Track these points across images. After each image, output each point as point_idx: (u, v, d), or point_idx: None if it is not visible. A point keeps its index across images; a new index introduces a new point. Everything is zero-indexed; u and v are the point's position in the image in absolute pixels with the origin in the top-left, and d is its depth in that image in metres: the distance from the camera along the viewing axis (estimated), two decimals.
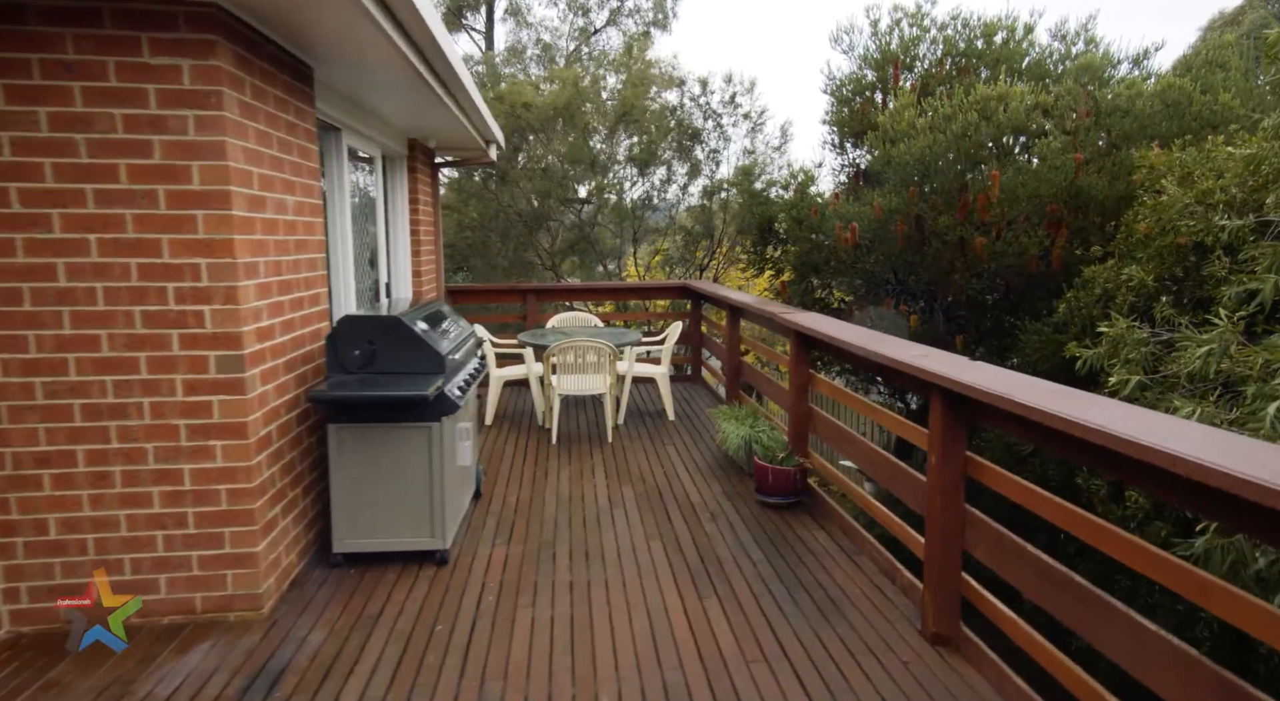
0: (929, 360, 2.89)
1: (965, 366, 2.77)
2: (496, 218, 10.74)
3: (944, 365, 2.79)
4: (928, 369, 2.77)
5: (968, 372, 2.65)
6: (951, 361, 2.88)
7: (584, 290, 8.25)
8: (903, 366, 2.96)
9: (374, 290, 5.69)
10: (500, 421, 6.49)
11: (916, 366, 2.84)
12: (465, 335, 4.07)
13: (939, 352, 3.10)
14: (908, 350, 3.16)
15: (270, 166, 3.21)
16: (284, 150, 3.37)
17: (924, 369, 2.79)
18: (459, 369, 3.83)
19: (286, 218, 3.38)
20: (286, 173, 3.39)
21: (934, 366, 2.77)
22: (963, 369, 2.72)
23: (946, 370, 2.70)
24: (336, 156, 4.67)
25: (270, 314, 3.19)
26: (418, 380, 3.32)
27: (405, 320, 3.39)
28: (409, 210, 6.60)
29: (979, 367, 2.74)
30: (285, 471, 3.31)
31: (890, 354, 3.12)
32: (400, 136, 6.18)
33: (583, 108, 10.03)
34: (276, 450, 3.23)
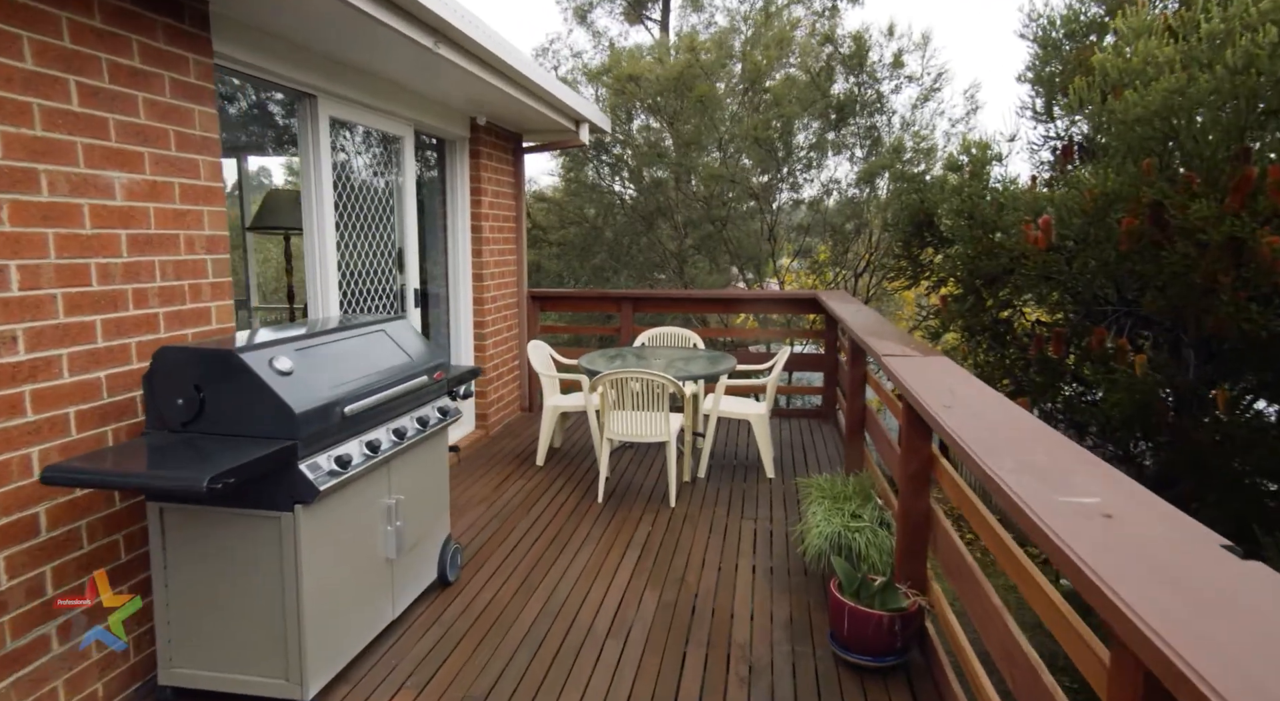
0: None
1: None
2: (610, 210, 9.62)
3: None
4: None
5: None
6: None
7: (686, 299, 6.84)
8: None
9: (400, 296, 4.73)
10: (556, 462, 5.28)
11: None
12: (407, 371, 2.89)
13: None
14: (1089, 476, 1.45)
15: (62, 127, 2.21)
16: (111, 106, 2.37)
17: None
18: (372, 421, 2.64)
19: (110, 203, 2.38)
20: (116, 139, 2.39)
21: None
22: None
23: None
24: (312, 130, 3.70)
25: (55, 342, 2.19)
26: (247, 446, 2.16)
27: (242, 353, 2.25)
28: (470, 202, 5.60)
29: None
30: (79, 569, 2.32)
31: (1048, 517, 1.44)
32: (455, 116, 5.17)
33: (707, 78, 8.48)
34: (52, 541, 2.23)
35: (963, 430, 1.85)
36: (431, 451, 3.12)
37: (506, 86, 4.45)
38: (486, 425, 5.89)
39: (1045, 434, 1.79)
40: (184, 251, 2.69)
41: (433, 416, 3.05)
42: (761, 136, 8.24)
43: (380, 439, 2.65)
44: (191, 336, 2.74)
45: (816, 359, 6.86)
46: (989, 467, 1.51)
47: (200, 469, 1.96)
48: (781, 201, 9.30)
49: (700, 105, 8.45)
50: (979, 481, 1.81)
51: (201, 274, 2.78)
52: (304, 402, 2.30)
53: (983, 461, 1.55)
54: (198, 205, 2.75)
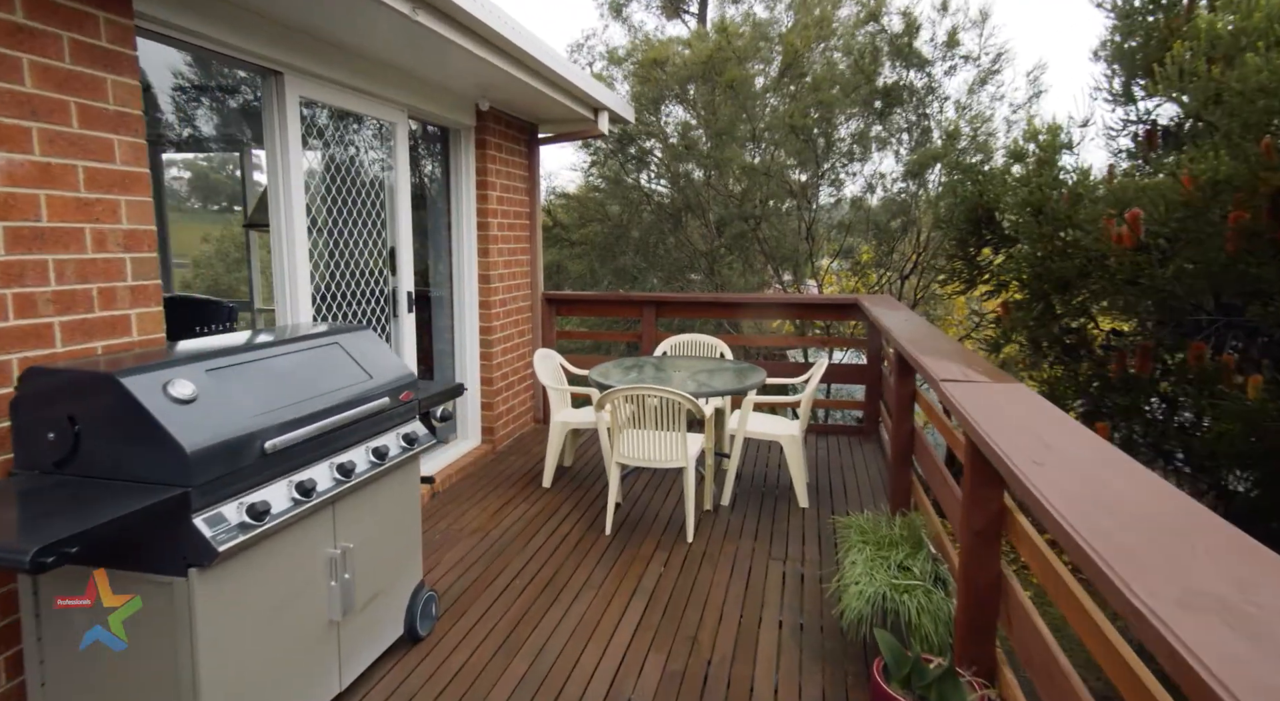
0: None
1: None
2: (636, 207, 9.06)
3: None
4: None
5: None
6: None
7: (714, 303, 6.27)
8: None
9: (391, 300, 4.27)
10: (565, 483, 4.77)
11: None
12: (362, 392, 2.40)
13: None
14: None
15: None
16: None
17: None
18: (307, 456, 2.16)
19: None
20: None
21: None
22: None
23: None
24: (278, 112, 3.25)
25: None
26: (124, 496, 1.69)
27: (123, 376, 1.78)
28: (475, 197, 5.13)
29: None
30: None
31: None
32: (457, 101, 4.71)
33: (740, 63, 7.82)
34: None
35: (1071, 509, 1.28)
36: (395, 487, 2.63)
37: (508, 66, 3.96)
38: (493, 439, 5.41)
39: (1203, 518, 1.20)
40: (91, 249, 2.25)
41: (394, 446, 2.56)
42: (799, 125, 7.60)
43: (316, 478, 2.16)
44: (101, 350, 2.30)
45: (857, 370, 6.24)
46: (1141, 601, 0.93)
47: (31, 534, 1.48)
48: (821, 197, 8.66)
49: (731, 91, 7.84)
50: (1092, 579, 1.24)
51: (117, 276, 2.33)
52: (203, 439, 1.82)
53: (1125, 584, 0.98)
54: (111, 194, 2.30)
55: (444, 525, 4.06)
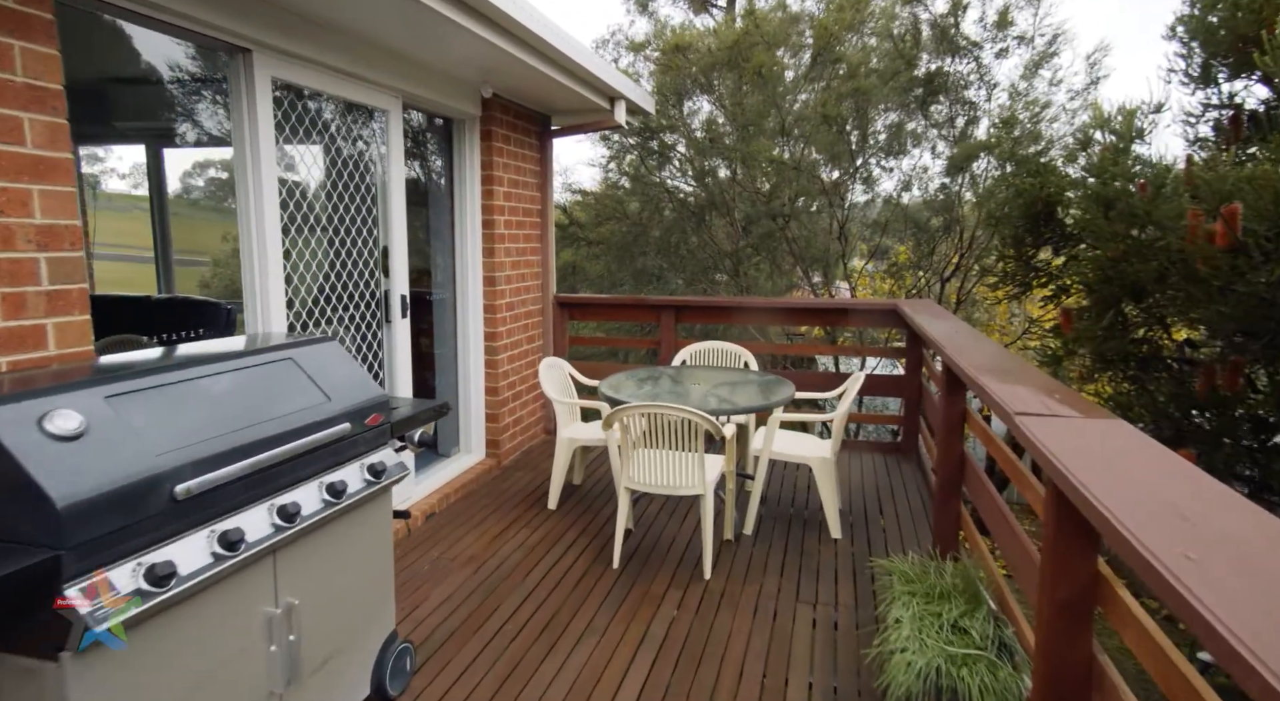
0: None
1: None
2: (657, 205, 8.63)
3: None
4: None
5: None
6: None
7: (737, 308, 5.81)
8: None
9: (384, 304, 3.90)
10: (573, 504, 4.37)
11: None
12: (317, 417, 2.02)
13: None
14: None
15: None
16: None
17: None
18: (235, 499, 1.78)
19: None
20: None
21: None
22: None
23: None
24: (247, 95, 2.89)
25: None
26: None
27: None
28: (480, 193, 4.76)
29: None
30: None
31: None
32: (460, 88, 4.33)
33: (768, 48, 7.32)
34: None
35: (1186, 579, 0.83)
36: (357, 527, 2.25)
37: (511, 47, 3.57)
38: (499, 454, 5.03)
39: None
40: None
41: (355, 480, 2.17)
42: (832, 115, 7.10)
43: (247, 527, 1.78)
44: (6, 366, 1.94)
45: (893, 382, 5.75)
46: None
47: None
48: (854, 194, 8.16)
49: (759, 79, 7.37)
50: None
51: (28, 279, 1.98)
52: (84, 487, 1.44)
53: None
54: (19, 182, 1.95)
55: (436, 553, 3.68)
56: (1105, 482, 1.56)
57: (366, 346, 3.82)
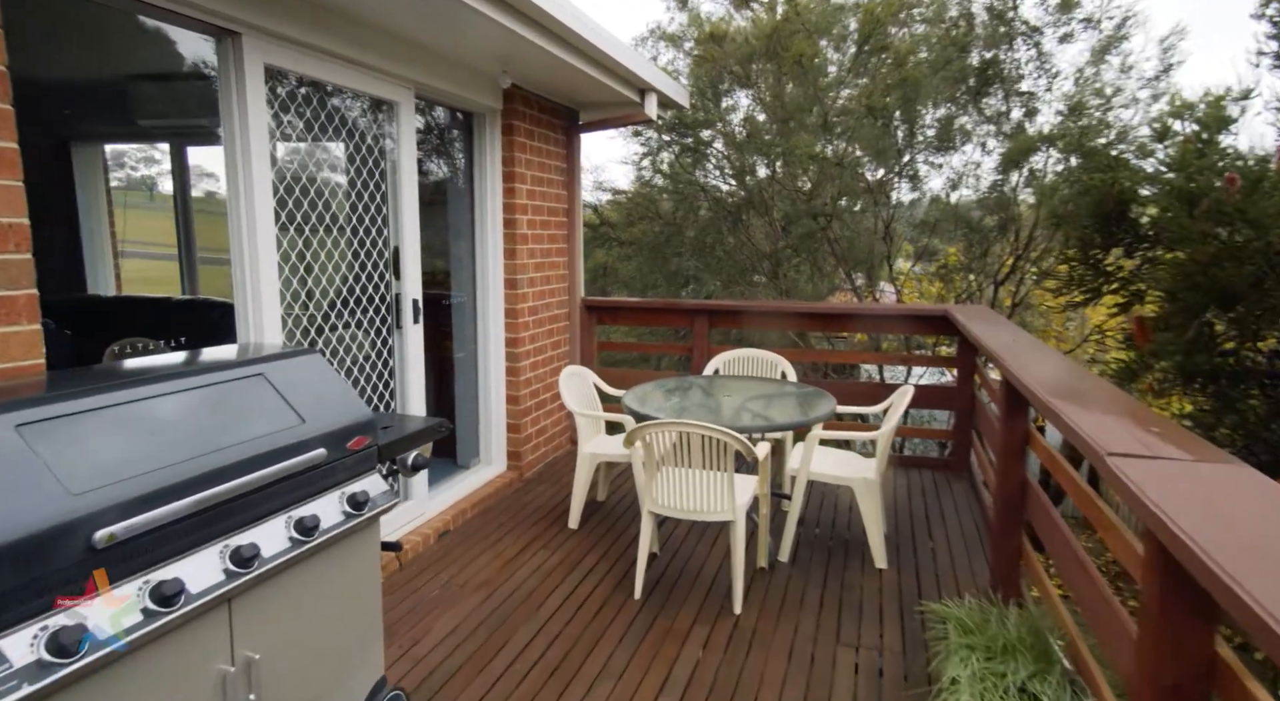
0: None
1: None
2: (691, 204, 8.28)
3: None
4: None
5: None
6: None
7: (775, 313, 5.44)
8: None
9: (395, 309, 3.67)
10: (595, 523, 4.08)
11: None
12: (286, 441, 1.76)
13: None
14: None
15: None
16: None
17: None
18: (177, 543, 1.53)
19: None
20: None
21: None
22: None
23: None
24: (236, 83, 2.66)
25: None
26: None
27: None
28: (501, 191, 4.50)
29: None
30: None
31: None
32: (479, 79, 4.08)
33: (809, 36, 6.90)
34: None
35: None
36: (336, 565, 1.98)
37: (529, 32, 3.30)
38: (520, 466, 4.77)
39: None
40: None
41: (331, 514, 1.91)
42: (877, 107, 6.68)
43: (187, 576, 1.52)
44: None
45: (943, 393, 5.34)
46: None
47: None
48: (900, 192, 7.72)
49: (800, 68, 6.99)
50: None
51: None
52: None
53: None
54: None
55: (447, 576, 3.43)
56: (1231, 547, 1.21)
57: (375, 354, 3.59)
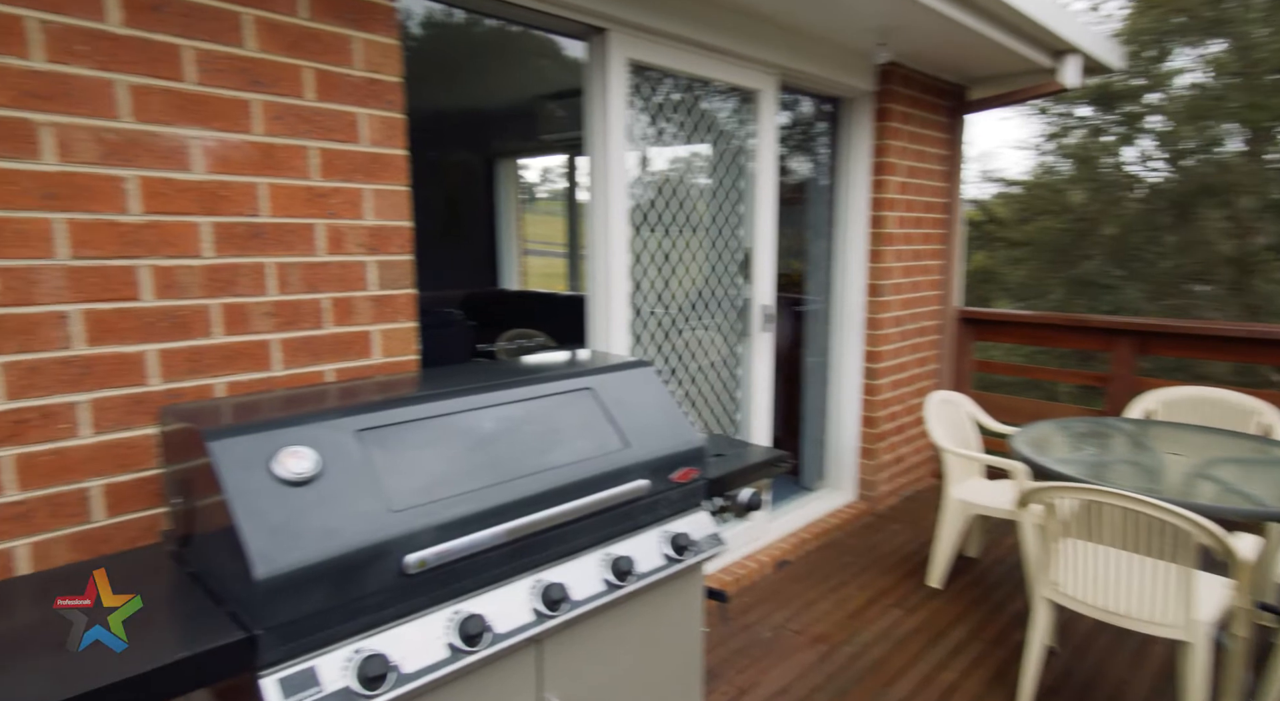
0: None
1: None
2: (1115, 193, 6.49)
3: None
4: None
5: None
6: None
7: (1246, 339, 3.83)
8: None
9: (741, 316, 3.41)
10: (963, 584, 3.33)
11: None
12: (604, 469, 1.55)
13: None
14: None
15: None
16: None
17: None
18: (483, 574, 1.38)
19: (179, 175, 1.58)
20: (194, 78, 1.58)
21: None
22: None
23: None
24: (600, 82, 2.60)
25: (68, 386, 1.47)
26: (188, 621, 1.10)
27: (217, 437, 1.19)
28: (868, 185, 3.97)
29: None
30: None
31: None
32: (848, 58, 3.62)
33: None
34: None
35: None
36: (653, 612, 1.72)
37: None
38: (873, 497, 4.19)
39: None
40: (324, 251, 1.81)
41: (651, 555, 1.64)
42: None
43: (494, 613, 1.36)
44: (335, 374, 1.86)
45: None
46: None
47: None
48: None
49: None
50: None
51: (355, 283, 1.88)
52: (292, 554, 1.14)
53: None
54: (352, 181, 1.85)
55: (781, 617, 3.05)
56: None
57: (722, 363, 3.37)
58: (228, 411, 1.40)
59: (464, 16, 3.96)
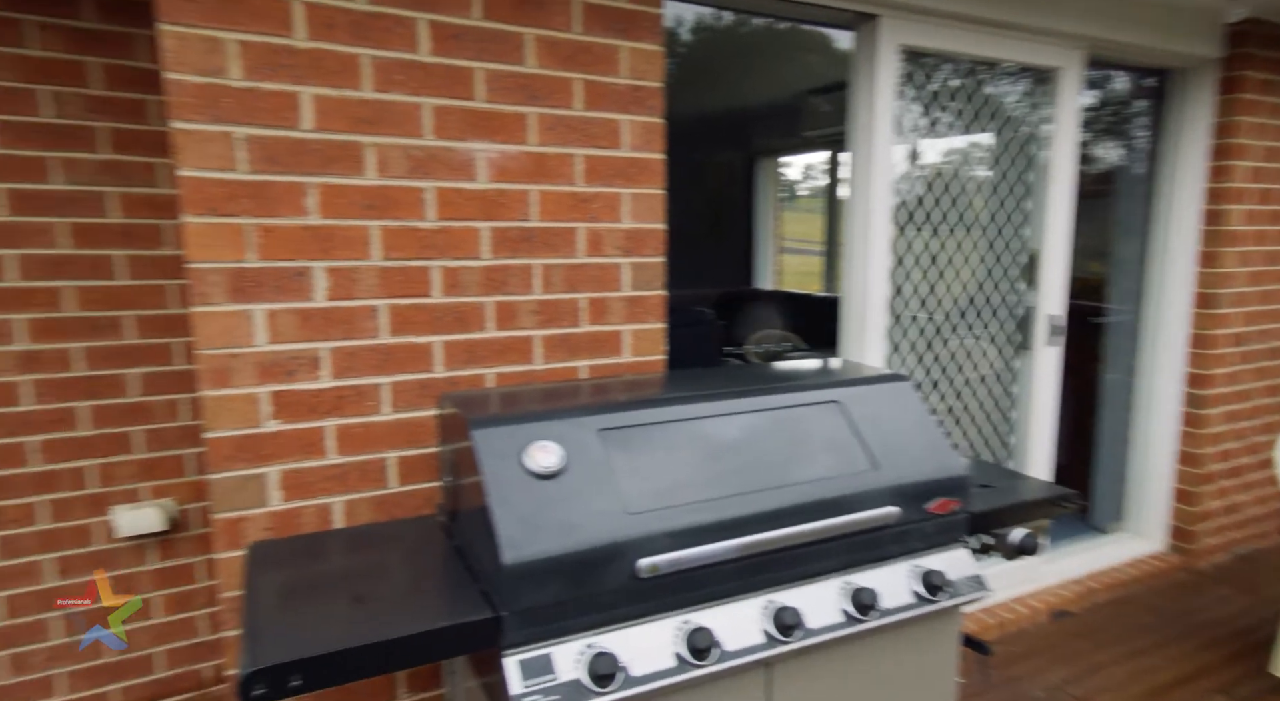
0: None
1: None
2: None
3: None
4: None
5: None
6: None
7: None
8: None
9: (1021, 326, 2.99)
10: None
11: None
12: (846, 490, 1.42)
13: None
14: None
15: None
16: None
17: None
18: (711, 587, 1.35)
19: (466, 185, 1.76)
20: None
21: None
22: None
23: None
24: (867, 71, 2.43)
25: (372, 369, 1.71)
26: (437, 596, 1.22)
27: (481, 426, 1.28)
28: (1205, 172, 3.25)
29: None
30: None
31: None
32: (1178, 19, 2.99)
33: None
34: None
35: None
36: (901, 651, 1.56)
37: None
38: (1190, 550, 3.45)
39: None
40: (583, 252, 1.91)
41: (896, 592, 1.48)
42: None
43: (723, 629, 1.32)
44: (588, 371, 1.96)
45: None
46: None
47: (275, 646, 1.11)
48: None
49: None
50: None
51: (610, 284, 1.95)
52: (537, 543, 1.20)
53: None
54: (611, 186, 1.92)
55: (1056, 676, 2.63)
56: None
57: (995, 379, 2.99)
58: (492, 401, 1.52)
59: (731, 18, 3.98)
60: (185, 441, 2.45)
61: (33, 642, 2.31)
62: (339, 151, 1.62)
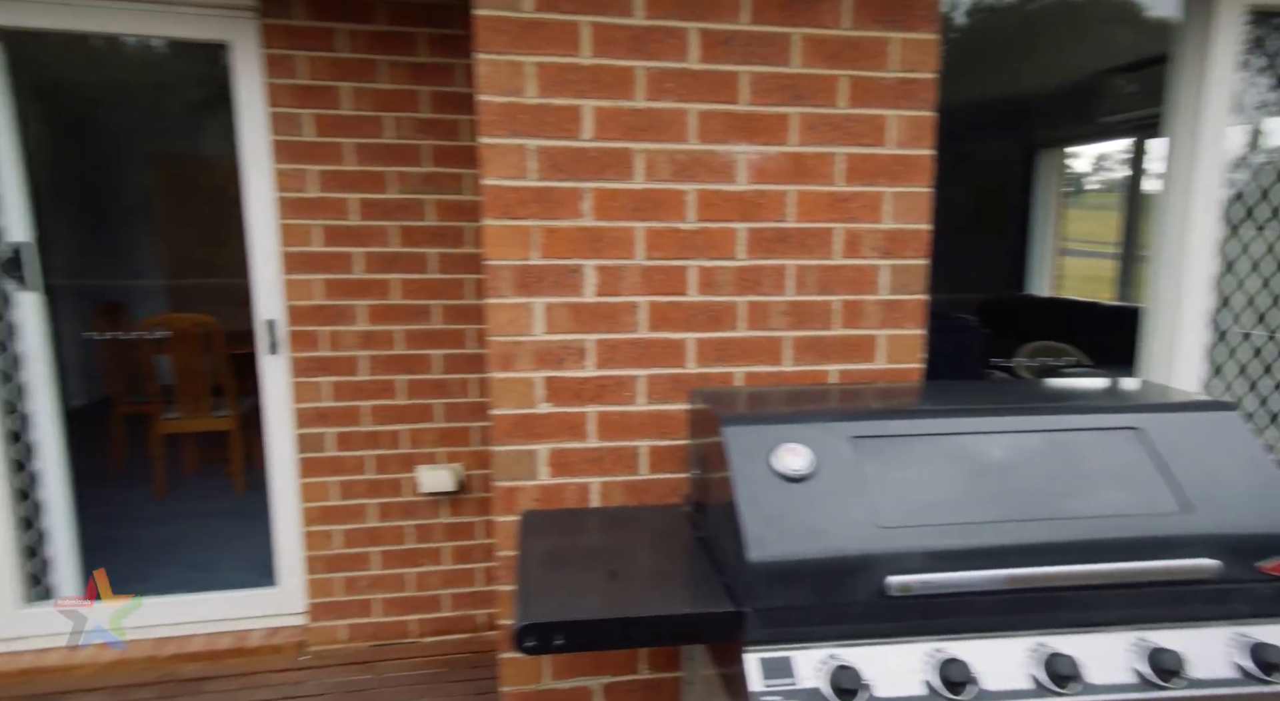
0: None
1: None
2: None
3: None
4: None
5: None
6: None
7: None
8: None
9: None
10: None
11: None
12: (1142, 531, 1.21)
13: None
14: None
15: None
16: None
17: None
18: (967, 613, 1.24)
19: (726, 187, 1.79)
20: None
21: None
22: None
23: None
24: (1196, 40, 2.04)
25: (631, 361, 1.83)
26: (684, 582, 1.27)
27: (732, 423, 1.30)
28: None
29: None
30: None
31: None
32: None
33: None
34: None
35: None
36: None
37: None
38: None
39: None
40: (839, 253, 1.86)
41: (1209, 660, 1.24)
42: None
43: (980, 665, 1.20)
44: (838, 375, 1.91)
45: None
46: None
47: (543, 606, 1.23)
48: None
49: None
50: None
51: (867, 287, 1.88)
52: (784, 545, 1.20)
53: None
54: (874, 185, 1.84)
55: None
56: None
57: None
58: (742, 400, 1.55)
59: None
60: (474, 415, 2.82)
61: (357, 570, 2.82)
62: (612, 158, 1.75)
